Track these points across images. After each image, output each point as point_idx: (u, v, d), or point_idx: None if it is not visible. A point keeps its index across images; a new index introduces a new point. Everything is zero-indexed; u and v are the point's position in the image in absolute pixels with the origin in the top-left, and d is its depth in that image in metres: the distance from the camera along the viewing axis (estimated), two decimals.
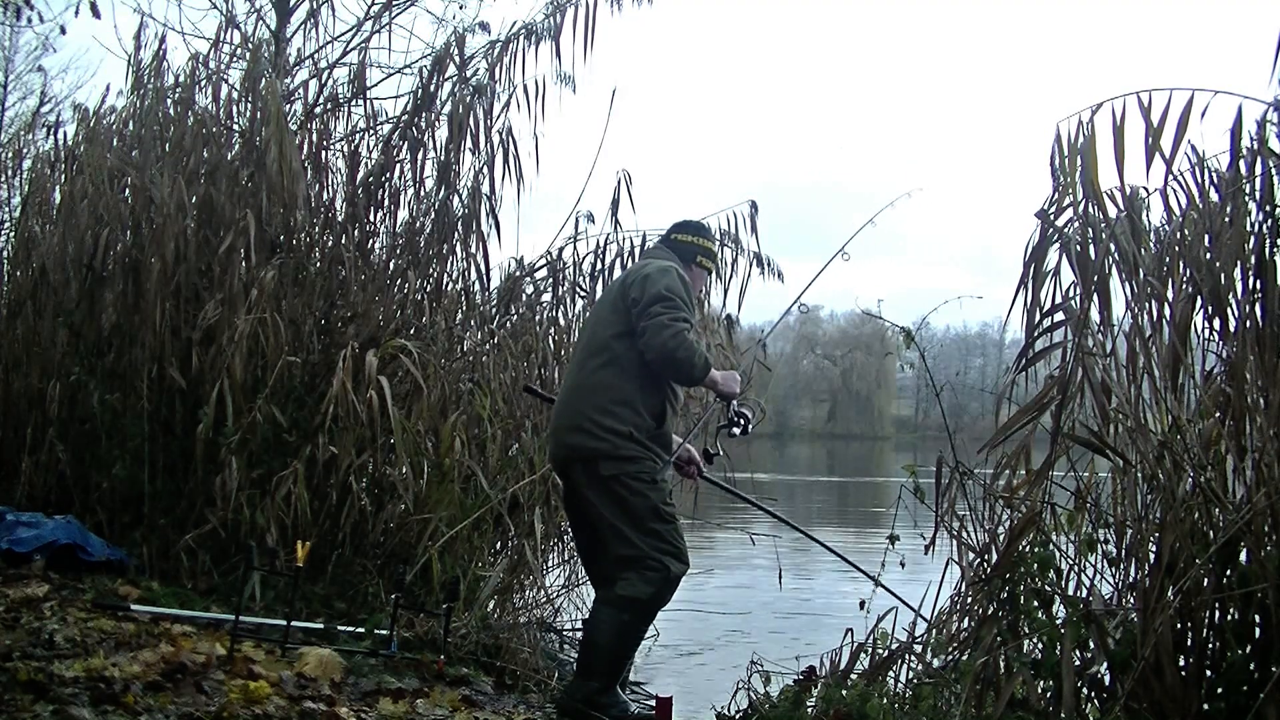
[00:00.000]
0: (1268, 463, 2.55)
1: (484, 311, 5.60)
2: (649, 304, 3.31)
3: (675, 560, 3.28)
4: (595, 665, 3.27)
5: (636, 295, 3.36)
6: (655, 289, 3.33)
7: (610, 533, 3.31)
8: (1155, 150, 2.80)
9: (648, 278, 3.38)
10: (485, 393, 4.97)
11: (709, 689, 3.96)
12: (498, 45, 5.60)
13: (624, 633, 3.28)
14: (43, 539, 4.54)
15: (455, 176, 5.47)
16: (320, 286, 5.30)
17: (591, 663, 3.29)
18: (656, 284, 3.34)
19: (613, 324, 3.43)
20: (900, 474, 3.30)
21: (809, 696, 3.12)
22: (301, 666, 3.31)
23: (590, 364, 3.41)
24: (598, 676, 3.25)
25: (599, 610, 3.32)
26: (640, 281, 3.39)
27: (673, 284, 3.35)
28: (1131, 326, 2.79)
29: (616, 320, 3.42)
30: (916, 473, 3.18)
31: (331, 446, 4.67)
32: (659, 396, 3.38)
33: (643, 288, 3.36)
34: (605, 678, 3.25)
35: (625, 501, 3.27)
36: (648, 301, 3.31)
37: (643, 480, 3.29)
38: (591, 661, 3.29)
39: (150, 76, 5.72)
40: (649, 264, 3.52)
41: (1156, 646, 2.48)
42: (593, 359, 3.41)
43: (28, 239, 6.02)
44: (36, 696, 2.56)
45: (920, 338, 3.45)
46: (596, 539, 3.41)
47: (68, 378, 5.25)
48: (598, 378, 3.37)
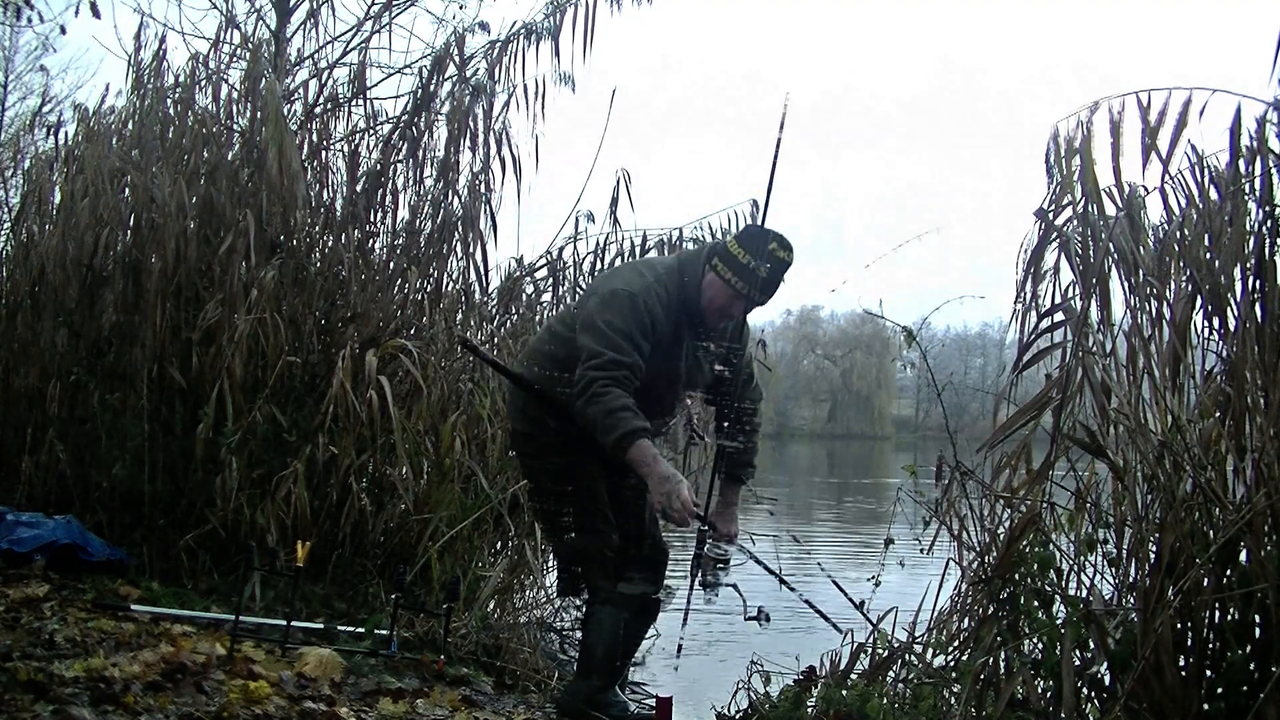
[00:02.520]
0: (1268, 463, 2.55)
1: (484, 311, 5.60)
2: (584, 359, 2.96)
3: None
4: (595, 664, 3.26)
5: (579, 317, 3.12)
6: (585, 334, 2.99)
7: (645, 527, 3.27)
8: (1153, 149, 2.80)
9: (588, 308, 3.08)
10: (485, 393, 4.97)
11: (709, 689, 3.95)
12: (497, 45, 5.61)
13: (620, 630, 3.23)
14: (43, 539, 4.54)
15: (455, 176, 5.48)
16: (320, 286, 5.30)
17: (591, 662, 3.28)
18: (589, 325, 3.00)
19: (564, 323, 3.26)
20: (899, 475, 3.29)
21: (809, 697, 3.12)
22: (301, 666, 3.31)
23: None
24: (598, 675, 3.24)
25: (598, 610, 3.29)
26: (583, 303, 3.18)
27: (607, 323, 2.95)
28: (1131, 326, 2.79)
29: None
30: (916, 473, 3.18)
31: (331, 446, 4.67)
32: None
33: (581, 320, 3.07)
34: (605, 677, 3.23)
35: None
36: (583, 356, 2.97)
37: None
38: (591, 661, 3.28)
39: (150, 76, 5.72)
40: (603, 285, 3.18)
41: (1156, 646, 2.47)
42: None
43: (27, 239, 6.02)
44: (36, 696, 2.56)
45: (921, 338, 3.44)
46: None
47: (68, 378, 5.24)
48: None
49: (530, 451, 3.26)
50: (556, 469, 3.21)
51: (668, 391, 3.21)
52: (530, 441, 3.25)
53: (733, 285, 3.04)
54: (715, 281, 3.06)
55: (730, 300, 3.07)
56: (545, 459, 3.22)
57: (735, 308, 3.10)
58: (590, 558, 3.19)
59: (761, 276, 3.02)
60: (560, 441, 3.15)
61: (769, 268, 3.03)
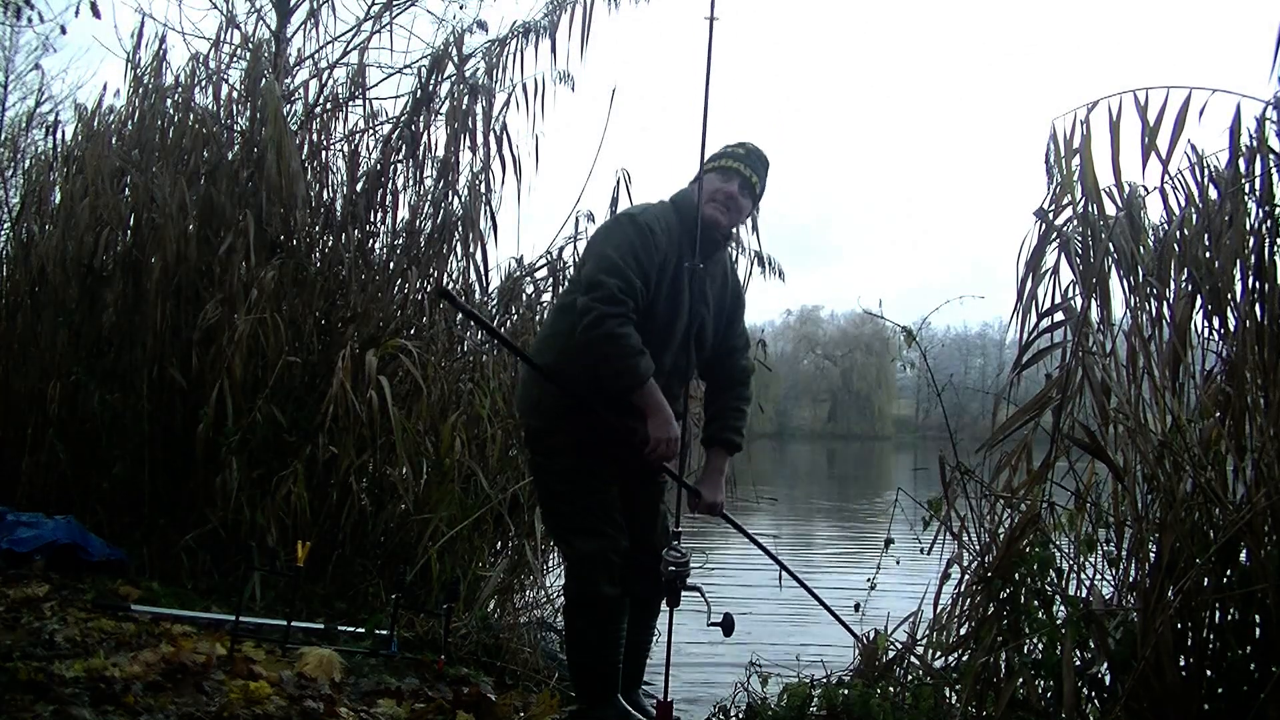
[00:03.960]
0: (1268, 463, 2.55)
1: (484, 311, 5.60)
2: (583, 288, 2.90)
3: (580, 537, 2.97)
4: (577, 685, 3.08)
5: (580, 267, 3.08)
6: (587, 267, 2.95)
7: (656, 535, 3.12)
8: (1152, 149, 2.80)
9: (588, 247, 3.08)
10: (485, 393, 4.97)
11: (709, 689, 3.95)
12: (496, 44, 5.60)
13: (574, 640, 3.01)
14: (43, 539, 4.54)
15: (455, 176, 5.47)
16: (320, 286, 5.30)
17: (575, 682, 3.10)
18: (589, 257, 2.99)
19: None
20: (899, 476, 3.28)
21: (810, 698, 3.12)
22: (301, 666, 3.31)
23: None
24: (580, 697, 3.05)
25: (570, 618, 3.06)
26: (583, 259, 3.13)
27: (607, 253, 2.89)
28: (1131, 326, 2.79)
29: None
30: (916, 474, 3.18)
31: (331, 446, 4.67)
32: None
33: (583, 259, 3.06)
34: (584, 696, 3.02)
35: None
36: (582, 285, 2.91)
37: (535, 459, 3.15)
38: (575, 680, 3.09)
39: (150, 76, 5.72)
40: (600, 228, 3.19)
41: (1156, 646, 2.47)
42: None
43: (27, 239, 6.03)
44: (37, 696, 2.56)
45: (921, 338, 3.44)
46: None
47: (68, 378, 5.25)
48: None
49: (541, 450, 3.09)
50: (566, 469, 3.04)
51: (681, 354, 3.08)
52: (541, 440, 3.09)
53: (730, 168, 3.09)
54: (712, 178, 3.08)
55: (731, 192, 3.08)
56: (557, 459, 3.05)
57: (739, 200, 3.10)
58: (596, 563, 2.96)
59: (747, 155, 3.14)
60: (574, 442, 3.01)
61: (749, 150, 3.16)
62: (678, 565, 2.79)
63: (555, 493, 3.07)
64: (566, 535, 3.03)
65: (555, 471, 3.06)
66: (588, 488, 3.01)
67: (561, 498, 3.05)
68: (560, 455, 3.04)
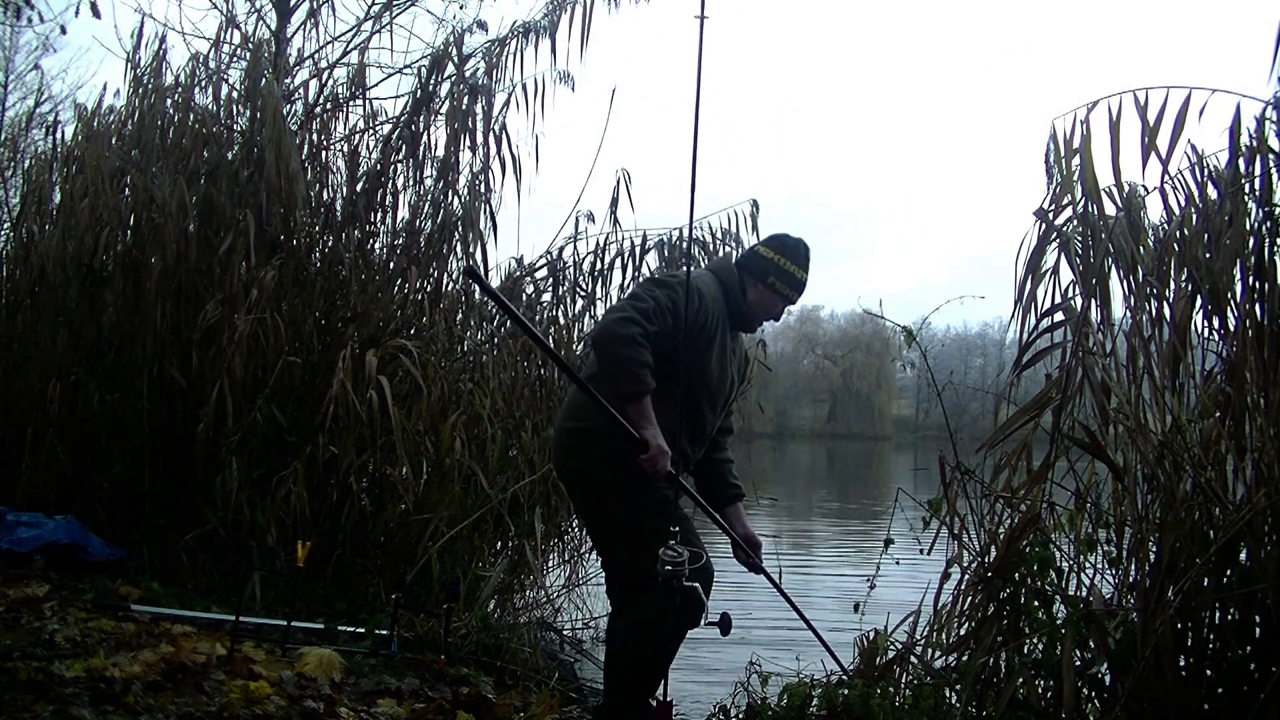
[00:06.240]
0: (1268, 463, 2.55)
1: (484, 311, 5.60)
2: (627, 296, 3.08)
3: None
4: (619, 686, 3.06)
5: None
6: (637, 286, 3.15)
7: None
8: (1152, 149, 2.80)
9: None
10: (485, 393, 4.97)
11: (709, 689, 3.95)
12: (496, 44, 5.60)
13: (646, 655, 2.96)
14: (43, 539, 4.54)
15: (455, 176, 5.47)
16: (320, 286, 5.30)
17: (617, 682, 3.08)
18: (641, 284, 3.16)
19: None
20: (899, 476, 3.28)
21: (811, 698, 3.12)
22: (301, 666, 3.31)
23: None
24: (614, 693, 3.06)
25: (636, 631, 3.03)
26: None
27: (655, 290, 2.97)
28: (1131, 326, 2.79)
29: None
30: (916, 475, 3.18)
31: (331, 446, 4.67)
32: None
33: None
34: (624, 696, 3.03)
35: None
36: (626, 295, 3.11)
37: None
38: (618, 681, 3.08)
39: (150, 76, 5.72)
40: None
41: (1156, 646, 2.48)
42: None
43: (27, 239, 6.02)
44: (37, 696, 2.56)
45: (921, 337, 3.44)
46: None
47: (68, 378, 5.24)
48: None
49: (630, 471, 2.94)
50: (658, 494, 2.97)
51: (712, 402, 3.14)
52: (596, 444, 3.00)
53: (789, 298, 3.32)
54: (769, 295, 3.27)
55: (778, 307, 3.33)
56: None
57: (780, 311, 3.36)
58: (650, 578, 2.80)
59: (805, 281, 3.32)
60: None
61: (807, 273, 3.34)
62: (674, 565, 2.78)
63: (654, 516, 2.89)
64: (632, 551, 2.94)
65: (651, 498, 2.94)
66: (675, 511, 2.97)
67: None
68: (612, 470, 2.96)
